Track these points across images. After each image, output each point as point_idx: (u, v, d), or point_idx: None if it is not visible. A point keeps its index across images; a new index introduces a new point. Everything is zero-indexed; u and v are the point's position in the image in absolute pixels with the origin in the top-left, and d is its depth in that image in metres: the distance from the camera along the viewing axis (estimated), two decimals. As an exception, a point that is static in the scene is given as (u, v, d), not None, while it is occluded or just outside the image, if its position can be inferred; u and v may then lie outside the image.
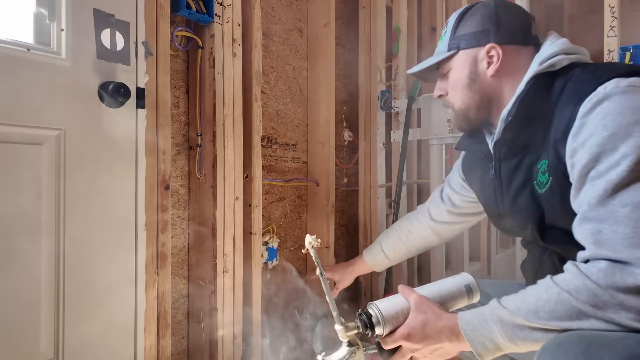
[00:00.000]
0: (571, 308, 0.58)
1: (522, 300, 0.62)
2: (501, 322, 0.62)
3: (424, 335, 0.69)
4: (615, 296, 0.55)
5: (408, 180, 2.11)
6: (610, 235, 0.57)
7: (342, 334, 0.73)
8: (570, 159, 0.65)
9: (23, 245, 0.87)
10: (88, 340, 0.96)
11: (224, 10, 1.28)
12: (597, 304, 0.56)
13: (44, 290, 0.90)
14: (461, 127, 0.87)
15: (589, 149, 0.61)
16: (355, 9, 2.01)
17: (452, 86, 0.84)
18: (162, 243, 1.13)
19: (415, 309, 0.72)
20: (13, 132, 0.85)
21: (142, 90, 1.06)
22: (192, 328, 1.31)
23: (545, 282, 0.62)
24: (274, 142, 1.64)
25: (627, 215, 0.56)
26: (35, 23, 0.92)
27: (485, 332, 0.64)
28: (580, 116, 0.64)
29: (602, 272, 0.57)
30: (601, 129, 0.61)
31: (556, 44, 0.76)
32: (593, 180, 0.61)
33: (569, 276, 0.60)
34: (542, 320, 0.59)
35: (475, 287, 0.78)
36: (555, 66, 0.73)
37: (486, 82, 0.80)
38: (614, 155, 0.59)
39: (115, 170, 1.01)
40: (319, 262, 0.74)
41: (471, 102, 0.82)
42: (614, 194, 0.58)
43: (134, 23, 1.04)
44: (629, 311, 0.54)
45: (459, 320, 0.67)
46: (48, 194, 0.90)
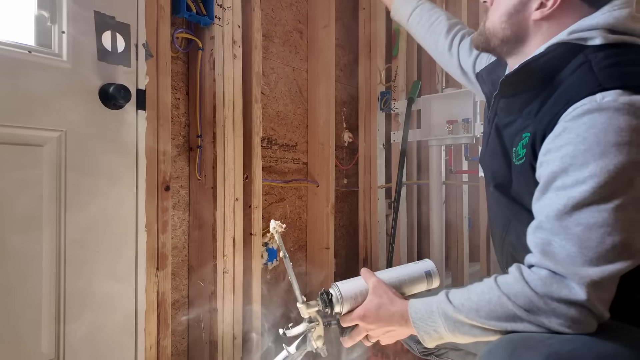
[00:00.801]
0: (508, 311, 0.62)
1: (466, 297, 0.66)
2: (445, 316, 0.67)
3: (378, 317, 0.74)
4: (548, 304, 0.60)
5: (408, 181, 2.11)
6: (557, 249, 0.60)
7: (303, 310, 0.78)
8: (543, 156, 0.64)
9: (24, 246, 0.87)
10: (89, 340, 0.96)
11: (224, 12, 1.29)
12: (531, 309, 0.60)
13: (45, 290, 0.90)
14: (477, 46, 0.81)
15: (562, 157, 0.61)
16: (355, 11, 2.01)
17: (496, 3, 0.77)
18: (162, 244, 1.13)
19: (372, 292, 0.77)
20: (15, 133, 0.86)
21: (143, 92, 1.06)
22: (192, 329, 1.31)
23: (489, 283, 0.66)
24: (274, 143, 1.65)
25: (578, 234, 0.59)
26: (36, 25, 0.92)
27: (430, 322, 0.69)
28: (566, 119, 0.62)
29: (541, 281, 0.61)
30: (581, 140, 0.59)
31: (607, 15, 0.66)
32: (557, 191, 0.61)
33: (511, 280, 0.63)
34: (482, 319, 0.64)
35: (435, 273, 0.82)
36: (585, 40, 0.66)
37: (525, 22, 0.73)
38: (583, 171, 0.59)
39: (116, 171, 1.01)
40: (282, 245, 0.80)
41: (500, 32, 0.76)
42: (572, 211, 0.59)
43: (135, 25, 1.05)
44: (559, 317, 0.59)
45: (409, 308, 0.72)
46: (49, 194, 0.91)
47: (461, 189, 2.28)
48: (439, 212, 1.84)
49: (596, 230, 0.58)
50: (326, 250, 1.74)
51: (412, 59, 2.17)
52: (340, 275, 1.90)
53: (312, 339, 0.78)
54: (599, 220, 0.58)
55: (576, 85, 0.64)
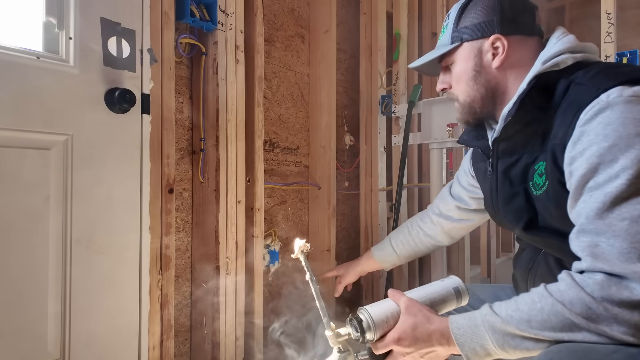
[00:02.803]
0: (564, 319, 0.58)
1: (514, 308, 0.62)
2: (492, 329, 0.63)
3: (415, 338, 0.68)
4: (609, 309, 0.55)
5: (408, 184, 2.12)
6: (607, 249, 0.57)
7: (332, 340, 0.73)
8: (569, 166, 0.64)
9: (31, 247, 0.89)
10: (93, 340, 0.98)
11: (227, 17, 1.31)
12: (590, 317, 0.56)
13: (51, 291, 0.92)
14: (467, 121, 0.85)
15: (587, 159, 0.60)
16: (356, 15, 2.03)
17: (456, 79, 0.82)
18: (165, 245, 1.15)
19: (406, 312, 0.71)
20: (23, 137, 0.88)
21: (147, 97, 1.08)
22: (195, 330, 1.33)
23: (539, 291, 0.62)
24: (276, 146, 1.66)
25: (625, 229, 0.56)
26: (44, 32, 0.94)
27: (476, 338, 0.64)
28: (580, 124, 0.63)
29: (597, 285, 0.57)
30: (602, 138, 0.59)
31: (562, 42, 0.73)
32: (591, 192, 0.60)
33: (564, 287, 0.60)
34: (534, 330, 0.59)
35: (464, 290, 0.78)
36: (559, 65, 0.70)
37: (491, 74, 0.79)
38: (613, 167, 0.58)
39: (121, 174, 1.03)
40: (309, 267, 0.75)
41: (476, 95, 0.80)
42: (613, 207, 0.58)
43: (140, 31, 1.07)
44: (622, 325, 0.55)
45: (450, 325, 0.67)
46: (56, 197, 0.93)
47: (462, 191, 2.29)
48: (440, 214, 1.85)
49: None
50: (327, 253, 1.76)
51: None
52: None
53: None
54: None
55: (577, 97, 0.66)
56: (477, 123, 0.86)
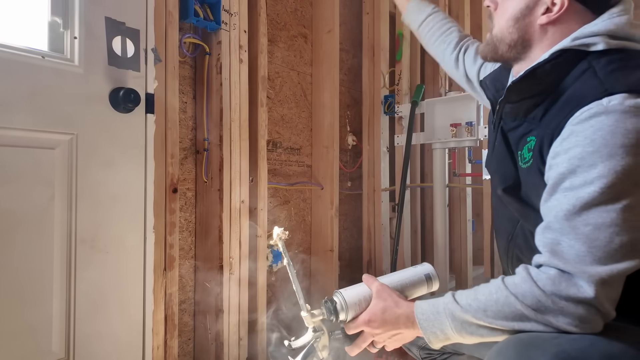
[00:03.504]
0: (516, 311, 0.62)
1: (473, 298, 0.66)
2: (452, 317, 0.67)
3: (383, 321, 0.73)
4: (556, 302, 0.60)
5: (411, 184, 2.12)
6: (566, 248, 0.61)
7: (307, 320, 0.77)
8: (551, 160, 0.65)
9: (36, 246, 0.89)
10: (98, 340, 0.98)
11: (231, 17, 1.31)
12: (539, 308, 0.61)
13: (56, 289, 0.92)
14: (486, 56, 0.82)
15: (569, 159, 0.62)
16: (359, 15, 2.03)
17: (502, 8, 0.77)
18: (169, 245, 1.15)
19: (377, 296, 0.76)
20: (28, 136, 0.88)
21: (152, 96, 1.08)
22: (199, 329, 1.33)
23: (497, 283, 0.66)
24: (279, 146, 1.66)
25: (587, 234, 0.59)
26: (50, 31, 0.95)
27: (437, 323, 0.69)
28: (573, 122, 0.63)
29: (550, 280, 0.61)
30: (588, 142, 0.60)
31: (607, 22, 0.68)
32: (565, 192, 0.62)
33: (519, 280, 0.64)
34: (489, 319, 0.64)
35: (434, 276, 0.82)
36: (588, 46, 0.67)
37: (531, 27, 0.74)
38: (591, 172, 0.60)
39: (125, 173, 1.03)
40: (286, 252, 0.80)
41: (507, 37, 0.76)
42: (581, 211, 0.60)
43: (144, 30, 1.07)
44: (567, 316, 0.60)
45: (415, 309, 0.72)
46: (60, 196, 0.93)
47: (465, 192, 2.29)
48: (443, 215, 1.85)
49: (605, 230, 0.58)
50: (330, 253, 1.76)
51: (416, 62, 2.18)
52: (344, 278, 1.91)
53: (317, 349, 0.76)
54: (607, 220, 0.58)
55: (582, 90, 0.65)
56: (494, 61, 0.84)
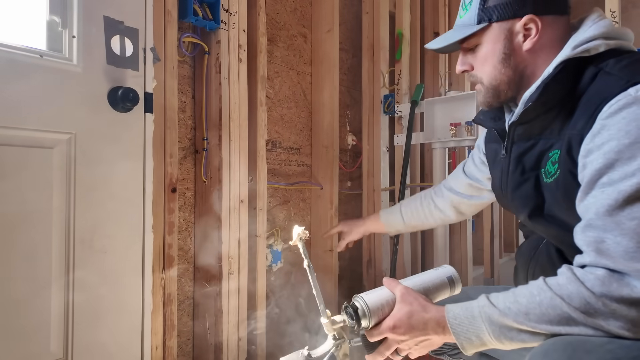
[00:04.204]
0: (562, 313, 0.58)
1: (512, 300, 0.62)
2: (490, 321, 0.63)
3: (410, 326, 0.68)
4: (607, 305, 0.56)
5: (411, 184, 2.12)
6: (613, 246, 0.57)
7: (328, 327, 0.72)
8: (584, 159, 0.63)
9: (34, 246, 0.89)
10: (96, 340, 0.98)
11: (230, 16, 1.31)
12: (588, 311, 0.57)
13: (55, 291, 0.92)
14: (490, 104, 0.81)
15: (605, 154, 0.59)
16: (358, 15, 2.03)
17: (481, 61, 0.77)
18: (168, 245, 1.14)
19: (402, 300, 0.71)
20: (25, 135, 0.88)
21: (150, 95, 1.08)
22: (198, 330, 1.32)
23: (538, 284, 0.62)
24: (279, 145, 1.66)
25: (633, 229, 0.56)
26: (48, 30, 0.94)
27: (472, 328, 0.64)
28: (603, 117, 0.61)
29: (599, 280, 0.57)
30: (623, 134, 0.58)
31: (597, 26, 0.69)
32: (604, 187, 0.59)
33: (563, 281, 0.60)
34: (532, 323, 0.60)
35: (457, 279, 0.78)
36: (590, 51, 0.67)
37: (522, 56, 0.74)
38: (631, 165, 0.57)
39: (124, 173, 1.03)
40: (306, 254, 0.76)
41: (503, 78, 0.76)
42: (624, 205, 0.57)
43: (143, 30, 1.07)
44: (619, 320, 0.56)
45: (447, 314, 0.67)
46: (59, 195, 0.92)
47: (464, 191, 2.28)
48: (443, 214, 1.84)
49: None
50: (330, 253, 1.75)
51: (415, 62, 2.18)
52: (344, 278, 1.91)
53: (338, 358, 0.72)
54: None
55: (603, 88, 0.64)
56: (499, 105, 0.82)
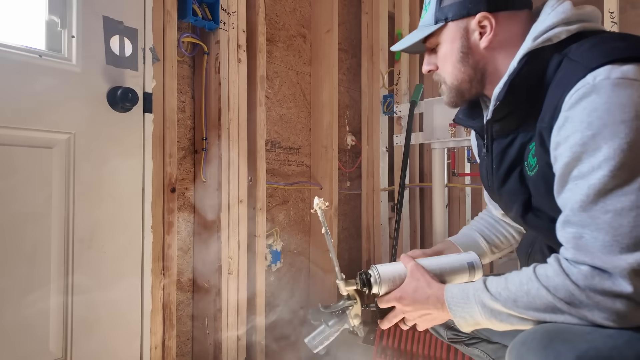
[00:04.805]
0: (548, 303, 0.60)
1: (503, 287, 0.65)
2: (482, 304, 0.66)
3: (414, 299, 0.74)
4: (591, 297, 0.57)
5: (410, 184, 2.12)
6: (590, 241, 0.58)
7: (342, 287, 0.79)
8: (554, 151, 0.63)
9: (34, 246, 0.89)
10: (95, 340, 0.98)
11: (229, 17, 1.31)
12: (573, 302, 0.58)
13: (53, 291, 0.92)
14: (455, 103, 0.81)
15: (571, 147, 0.59)
16: (357, 15, 2.03)
17: (442, 60, 0.78)
18: (168, 245, 1.14)
19: (410, 275, 0.76)
20: (25, 135, 0.88)
21: (150, 95, 1.08)
22: (197, 329, 1.32)
23: (527, 274, 0.64)
24: (278, 146, 1.66)
25: (608, 222, 0.56)
26: (47, 30, 0.94)
27: (466, 309, 0.68)
28: (565, 108, 0.61)
29: (582, 274, 0.58)
30: (586, 126, 0.58)
31: (556, 13, 0.69)
32: (576, 181, 0.60)
33: (551, 272, 0.61)
34: (520, 309, 0.62)
35: (479, 266, 0.80)
36: (552, 40, 0.67)
37: (480, 54, 0.74)
38: (596, 156, 0.57)
39: (123, 173, 1.03)
40: (324, 222, 0.81)
41: (464, 77, 0.76)
42: (596, 199, 0.57)
43: (142, 30, 1.07)
44: (603, 311, 0.57)
45: (445, 293, 0.71)
46: (58, 195, 0.92)
47: (464, 192, 2.29)
48: (442, 215, 1.85)
49: (626, 214, 0.55)
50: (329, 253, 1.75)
51: (415, 62, 2.18)
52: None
53: (350, 316, 0.78)
54: (626, 203, 0.55)
55: (565, 77, 0.63)
56: (466, 104, 0.83)
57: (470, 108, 0.86)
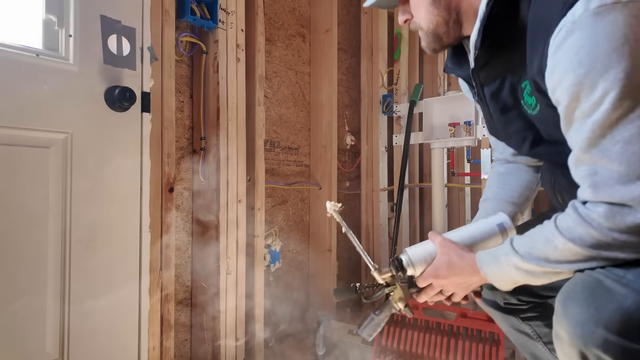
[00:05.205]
0: (578, 253, 0.61)
1: (531, 246, 0.65)
2: (515, 267, 0.67)
3: (449, 274, 0.76)
4: (617, 238, 0.57)
5: (410, 184, 2.11)
6: (606, 175, 0.57)
7: (377, 276, 0.82)
8: (553, 95, 0.62)
9: (30, 246, 0.88)
10: (92, 341, 0.97)
11: (228, 16, 1.30)
12: (601, 247, 0.59)
13: (50, 291, 0.91)
14: (433, 48, 0.79)
15: (567, 90, 0.58)
16: (357, 15, 2.03)
17: (414, 7, 0.76)
18: (165, 245, 1.14)
19: (440, 252, 0.78)
20: (21, 135, 0.87)
21: (147, 95, 1.08)
22: (195, 330, 1.32)
23: (551, 229, 0.63)
24: (277, 145, 1.66)
25: (620, 152, 0.55)
26: (44, 29, 0.94)
27: (502, 273, 0.70)
28: (552, 52, 0.59)
29: (602, 217, 0.57)
30: (577, 65, 0.56)
31: None
32: (580, 120, 0.58)
33: (572, 223, 0.61)
34: (553, 265, 0.63)
35: (510, 227, 0.79)
36: None
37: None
38: (595, 93, 0.55)
39: (121, 172, 1.02)
40: (343, 221, 0.85)
41: (439, 19, 0.74)
42: (603, 134, 0.56)
43: (140, 29, 1.06)
44: (632, 248, 0.57)
45: (478, 263, 0.72)
46: (55, 195, 0.92)
47: (463, 191, 2.28)
48: (442, 215, 1.84)
49: (636, 141, 0.54)
50: (328, 253, 1.75)
51: (414, 62, 2.18)
52: (342, 278, 1.90)
53: (394, 301, 0.81)
54: (634, 130, 0.54)
55: (542, 16, 0.61)
56: (447, 47, 0.80)
57: (456, 55, 0.84)
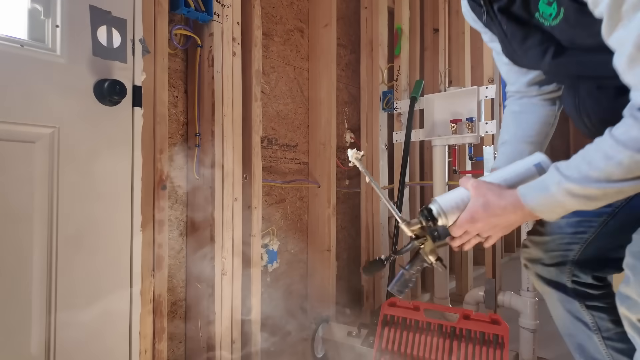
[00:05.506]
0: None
1: (587, 168, 0.59)
2: (571, 194, 0.61)
3: (487, 215, 0.69)
4: None
5: (410, 182, 2.08)
6: None
7: (405, 229, 0.76)
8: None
9: (14, 246, 0.85)
10: (80, 343, 0.93)
11: (224, 8, 1.27)
12: None
13: (35, 291, 0.88)
14: None
15: None
16: (356, 10, 1.99)
17: None
18: (158, 244, 1.10)
19: (475, 193, 0.71)
20: (4, 129, 0.83)
21: (139, 89, 1.04)
22: (190, 332, 1.28)
23: (610, 144, 0.58)
24: (274, 142, 1.62)
25: None
26: (29, 19, 0.90)
27: (555, 205, 0.63)
28: None
29: None
30: None
31: None
32: (629, 14, 0.53)
33: (635, 132, 0.55)
34: (617, 184, 0.57)
35: (548, 165, 0.72)
36: None
37: None
38: None
39: (111, 169, 0.99)
40: (366, 171, 0.79)
41: None
42: None
43: (132, 20, 1.03)
44: None
45: (524, 199, 0.66)
46: (41, 193, 0.88)
47: (465, 190, 2.24)
48: (443, 213, 1.81)
49: None
50: (327, 252, 1.71)
51: (415, 58, 2.14)
52: (342, 278, 1.87)
53: (425, 254, 0.75)
54: None
55: None
56: None
57: None
